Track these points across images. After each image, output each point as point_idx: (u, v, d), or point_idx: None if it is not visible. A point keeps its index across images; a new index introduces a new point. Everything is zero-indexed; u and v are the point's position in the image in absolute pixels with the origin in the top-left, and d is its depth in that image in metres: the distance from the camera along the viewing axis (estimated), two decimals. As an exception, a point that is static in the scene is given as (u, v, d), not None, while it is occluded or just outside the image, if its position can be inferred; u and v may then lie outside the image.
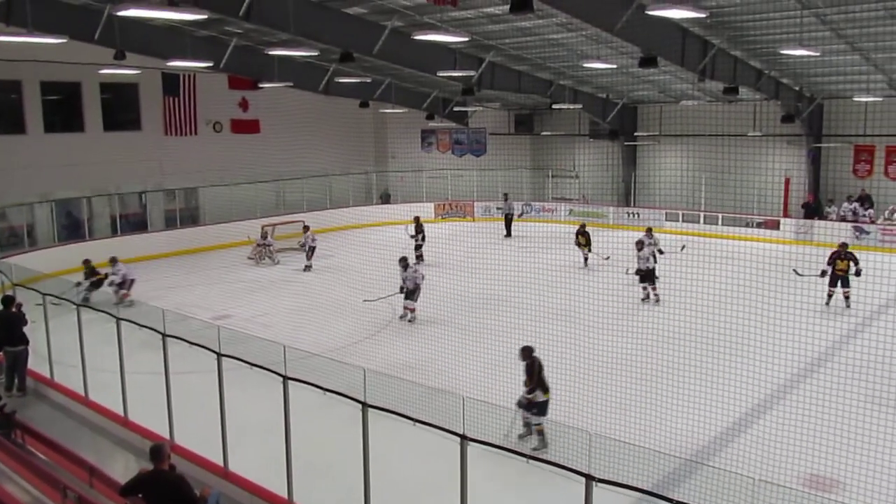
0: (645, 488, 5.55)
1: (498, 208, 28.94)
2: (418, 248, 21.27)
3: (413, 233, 21.64)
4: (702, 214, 26.86)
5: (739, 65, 20.20)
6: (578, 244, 20.84)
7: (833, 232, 23.75)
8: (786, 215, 26.10)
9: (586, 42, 19.85)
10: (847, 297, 15.94)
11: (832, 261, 15.94)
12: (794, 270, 15.57)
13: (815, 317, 13.37)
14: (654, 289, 16.62)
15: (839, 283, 16.02)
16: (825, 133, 25.89)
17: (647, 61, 16.49)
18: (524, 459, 5.91)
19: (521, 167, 32.05)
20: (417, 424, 6.40)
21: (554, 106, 27.72)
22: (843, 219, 24.86)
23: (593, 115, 28.73)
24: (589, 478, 5.34)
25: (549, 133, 31.69)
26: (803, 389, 11.12)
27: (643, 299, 16.66)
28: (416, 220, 22.04)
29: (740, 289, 15.85)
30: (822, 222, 24.87)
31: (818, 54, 18.12)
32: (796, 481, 8.22)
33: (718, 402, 10.02)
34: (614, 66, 21.56)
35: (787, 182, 26.32)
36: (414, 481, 8.50)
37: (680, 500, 5.26)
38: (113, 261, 17.51)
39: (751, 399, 10.54)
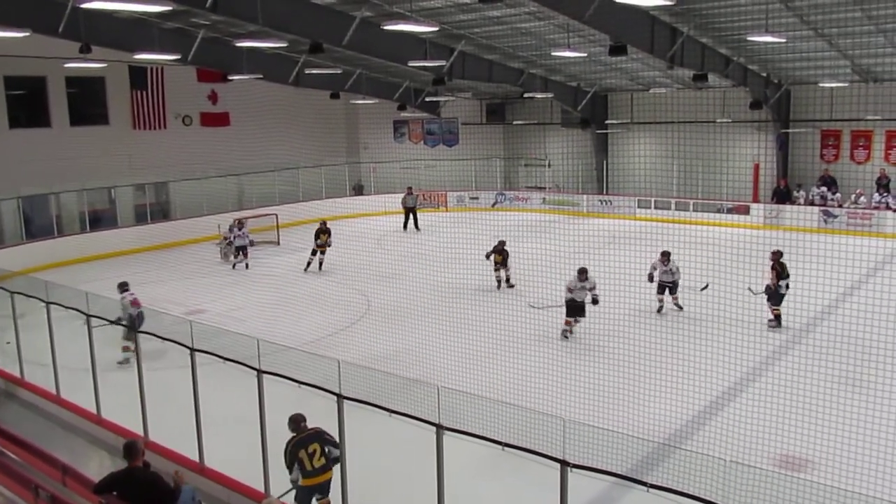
0: (620, 472, 5.62)
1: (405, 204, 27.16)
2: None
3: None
4: (673, 201, 27.09)
5: (708, 52, 20.37)
6: (495, 263, 17.36)
7: (801, 216, 24.15)
8: (756, 200, 26.40)
9: (556, 31, 19.89)
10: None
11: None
12: (749, 289, 14.05)
13: (786, 300, 13.55)
14: (674, 298, 14.89)
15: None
16: (792, 119, 26.21)
17: (617, 49, 16.57)
18: (500, 447, 5.94)
19: (493, 156, 32.09)
20: (393, 415, 6.40)
21: (525, 95, 27.78)
22: (811, 203, 25.22)
23: (564, 103, 28.81)
24: (564, 463, 5.38)
25: (521, 122, 31.74)
26: (775, 371, 11.30)
27: (659, 310, 14.88)
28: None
29: (712, 274, 15.98)
30: (791, 207, 25.24)
31: (784, 41, 18.33)
32: (768, 462, 8.36)
33: (692, 386, 10.15)
34: (584, 55, 21.64)
35: (757, 167, 26.61)
36: (391, 471, 8.52)
37: (654, 483, 5.34)
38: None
39: (724, 382, 10.67)
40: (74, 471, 7.67)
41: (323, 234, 19.84)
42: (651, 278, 14.77)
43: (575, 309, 13.21)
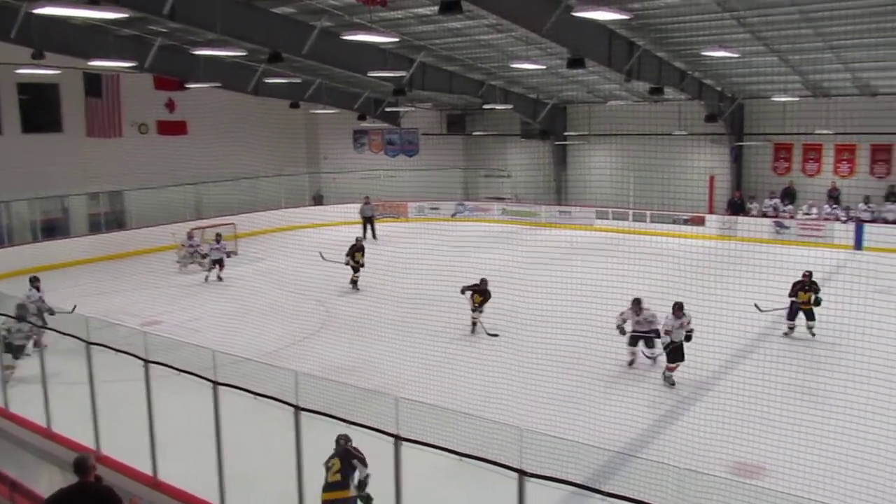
0: (577, 482, 5.66)
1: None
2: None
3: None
4: (631, 212, 27.46)
5: (664, 66, 20.74)
6: (473, 303, 14.97)
7: (755, 227, 24.65)
8: (711, 212, 26.89)
9: (515, 43, 20.08)
10: (811, 329, 14.02)
11: (794, 292, 14.05)
12: (756, 306, 13.98)
13: (740, 309, 13.78)
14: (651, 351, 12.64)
15: (804, 316, 14.11)
16: (746, 132, 26.79)
17: (575, 62, 16.77)
18: (457, 457, 5.95)
19: (453, 167, 32.20)
20: (351, 426, 6.37)
21: (485, 106, 27.96)
22: (764, 214, 25.76)
23: (524, 115, 29.06)
24: (521, 473, 5.41)
25: (481, 133, 31.93)
26: (728, 380, 11.48)
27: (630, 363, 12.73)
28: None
29: (668, 284, 16.20)
30: (745, 218, 25.77)
31: (738, 56, 18.73)
32: (722, 469, 8.48)
33: (648, 395, 10.28)
34: (543, 67, 21.86)
35: (712, 179, 27.11)
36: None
37: (611, 492, 5.39)
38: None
39: (680, 391, 10.83)
40: (24, 487, 7.49)
41: (357, 251, 18.84)
42: (622, 331, 12.54)
43: (676, 353, 11.46)
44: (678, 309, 11.40)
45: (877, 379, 11.08)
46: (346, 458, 7.09)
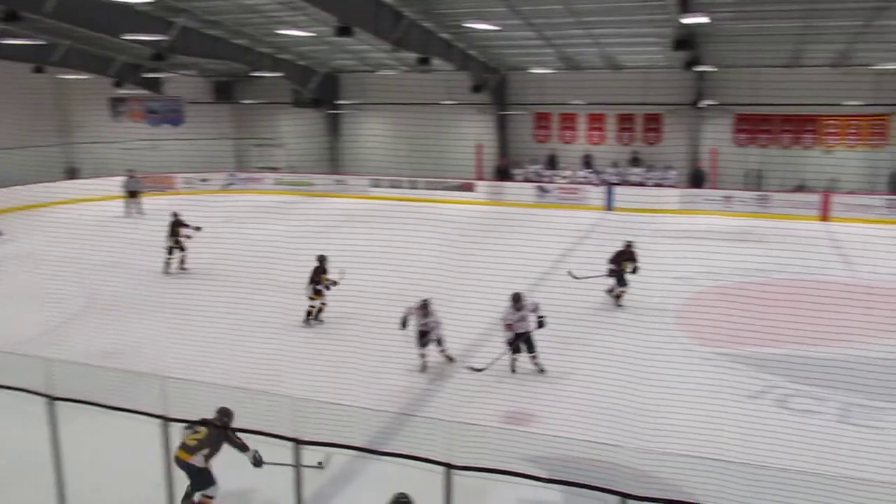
0: (354, 445, 5.76)
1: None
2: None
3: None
4: (405, 179, 28.02)
5: (430, 36, 21.23)
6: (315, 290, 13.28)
7: (520, 192, 26.18)
8: (480, 178, 28.13)
9: (282, 9, 19.58)
10: (621, 294, 14.18)
11: (618, 261, 14.08)
12: (569, 273, 14.19)
13: (508, 269, 14.56)
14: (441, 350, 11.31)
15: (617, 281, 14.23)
16: (510, 102, 28.25)
17: (343, 30, 16.71)
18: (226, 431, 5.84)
19: (223, 136, 30.99)
20: (114, 412, 6.00)
21: (254, 73, 27.10)
22: (527, 180, 27.40)
23: (295, 83, 28.53)
24: (296, 441, 5.41)
25: (251, 101, 30.94)
26: (499, 336, 12.15)
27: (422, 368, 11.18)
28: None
29: (444, 250, 16.76)
30: (511, 183, 27.27)
31: (498, 28, 19.63)
32: (495, 419, 9.01)
33: (430, 360, 10.63)
34: (311, 35, 21.55)
35: (480, 147, 28.34)
36: (119, 471, 7.97)
37: (391, 451, 5.55)
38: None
39: (451, 349, 11.28)
40: None
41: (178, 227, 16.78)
42: (404, 324, 11.01)
43: (527, 343, 10.71)
44: (517, 300, 10.72)
45: (630, 327, 12.32)
46: (217, 435, 6.65)
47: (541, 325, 10.60)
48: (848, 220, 22.90)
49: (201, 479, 6.72)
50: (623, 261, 14.00)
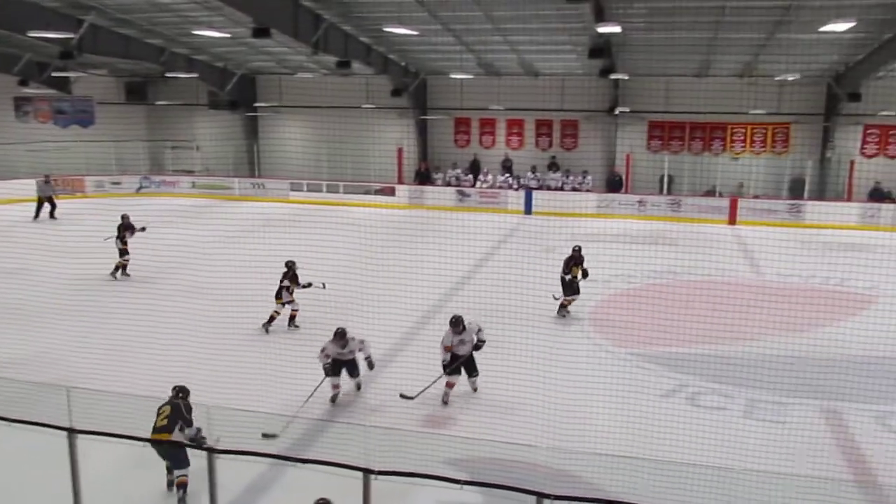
0: (273, 453, 5.68)
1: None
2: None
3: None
4: (325, 183, 27.78)
5: (350, 39, 21.14)
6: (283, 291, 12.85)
7: (440, 196, 26.30)
8: (400, 182, 28.14)
9: (197, 8, 19.17)
10: (567, 304, 13.77)
11: (568, 268, 13.61)
12: (553, 296, 13.57)
13: (428, 273, 14.63)
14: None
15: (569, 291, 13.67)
16: (429, 106, 28.38)
17: (260, 32, 16.45)
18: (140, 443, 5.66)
19: (136, 138, 30.06)
20: (15, 425, 5.75)
21: (168, 74, 26.41)
22: (448, 184, 27.55)
23: (211, 84, 27.94)
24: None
25: (165, 103, 30.12)
26: (421, 338, 12.16)
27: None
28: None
29: (362, 254, 16.69)
30: (431, 187, 27.36)
31: (417, 33, 19.69)
32: (414, 423, 9.00)
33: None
34: (228, 36, 21.16)
35: (400, 151, 28.35)
36: (22, 488, 7.63)
37: (308, 458, 5.49)
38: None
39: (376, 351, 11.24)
40: None
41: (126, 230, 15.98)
42: (326, 370, 9.66)
43: (468, 366, 9.98)
44: (455, 324, 9.91)
45: (547, 329, 12.53)
46: (178, 409, 7.11)
47: (477, 347, 10.01)
48: (754, 223, 23.88)
49: (178, 459, 6.95)
50: (573, 266, 13.58)
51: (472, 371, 10.04)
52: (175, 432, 7.00)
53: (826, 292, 15.06)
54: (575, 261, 13.64)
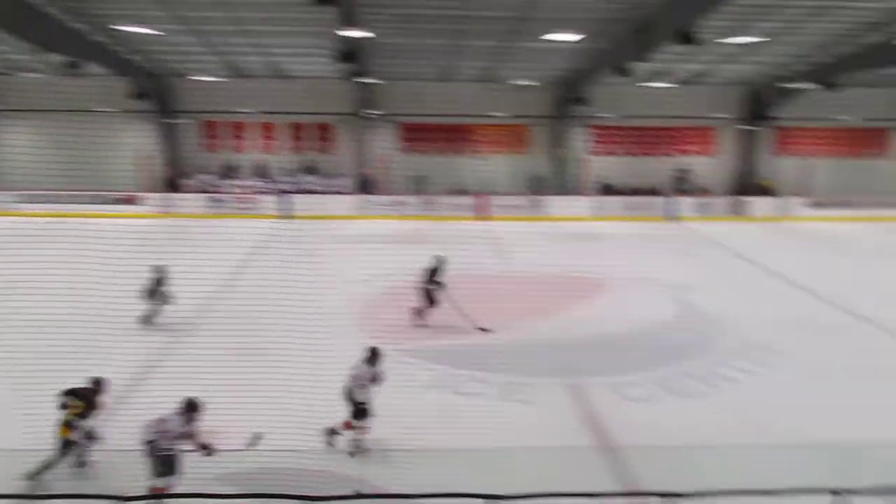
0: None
1: None
2: None
3: None
4: (62, 194, 25.41)
5: (82, 38, 19.59)
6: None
7: (191, 202, 25.25)
8: (146, 190, 26.52)
9: None
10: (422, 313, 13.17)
11: (430, 279, 13.17)
12: (482, 328, 12.66)
13: (178, 282, 14.01)
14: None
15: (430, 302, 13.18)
16: (175, 110, 27.07)
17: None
18: None
19: None
20: None
21: None
22: (202, 190, 26.46)
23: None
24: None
25: None
26: (178, 356, 11.63)
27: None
28: None
29: (110, 267, 15.56)
30: (180, 194, 26.14)
31: (158, 33, 18.69)
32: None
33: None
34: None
35: (144, 158, 26.73)
36: None
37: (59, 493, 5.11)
38: None
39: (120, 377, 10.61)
40: None
41: None
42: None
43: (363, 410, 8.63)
44: (374, 356, 9.04)
45: (313, 333, 12.49)
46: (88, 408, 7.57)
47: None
48: (500, 218, 25.55)
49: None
50: (433, 278, 13.12)
51: (363, 416, 8.62)
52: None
53: (566, 279, 16.53)
54: (435, 272, 13.17)
